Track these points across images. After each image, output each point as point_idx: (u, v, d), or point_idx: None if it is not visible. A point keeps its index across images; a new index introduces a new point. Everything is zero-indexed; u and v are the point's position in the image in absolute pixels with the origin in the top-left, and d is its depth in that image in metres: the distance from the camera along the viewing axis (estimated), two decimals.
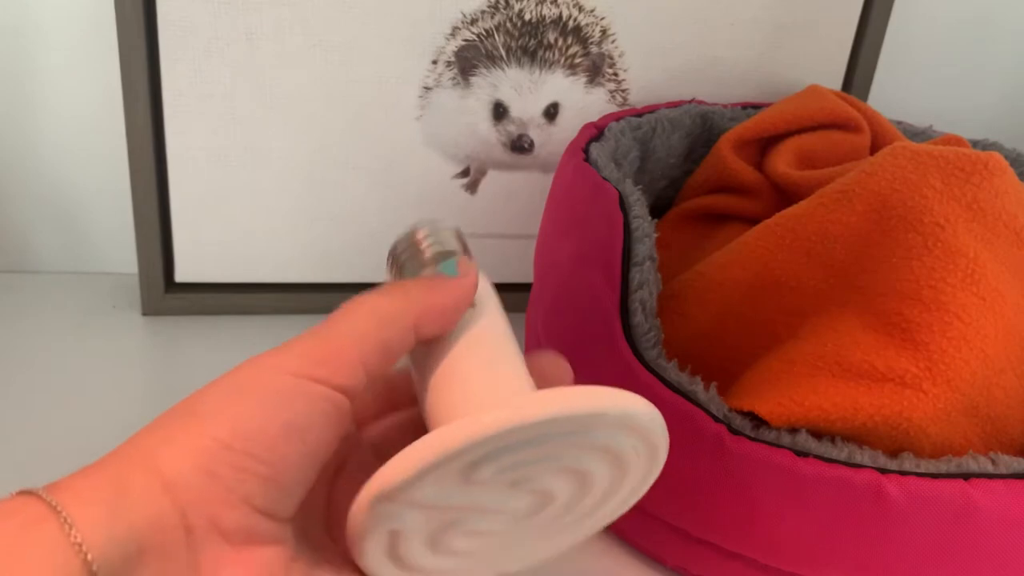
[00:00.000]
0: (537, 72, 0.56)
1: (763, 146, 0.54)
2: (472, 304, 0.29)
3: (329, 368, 0.25)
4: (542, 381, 0.28)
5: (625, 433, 0.26)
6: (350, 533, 0.25)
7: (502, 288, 0.32)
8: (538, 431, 0.24)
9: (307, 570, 0.25)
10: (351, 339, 0.25)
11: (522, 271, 0.55)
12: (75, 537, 0.20)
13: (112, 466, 0.22)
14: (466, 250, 0.31)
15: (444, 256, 0.30)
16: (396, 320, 0.26)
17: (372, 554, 0.25)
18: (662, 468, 0.28)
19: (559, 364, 0.30)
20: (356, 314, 0.26)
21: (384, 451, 0.27)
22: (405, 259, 0.31)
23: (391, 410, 0.32)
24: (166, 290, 0.58)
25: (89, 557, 0.20)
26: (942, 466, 0.35)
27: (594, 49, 0.57)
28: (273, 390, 0.24)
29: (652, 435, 0.26)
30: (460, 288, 0.28)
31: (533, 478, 0.26)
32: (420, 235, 0.31)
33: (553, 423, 0.24)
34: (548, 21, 0.55)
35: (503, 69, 0.56)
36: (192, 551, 0.22)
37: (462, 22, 0.54)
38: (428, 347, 0.28)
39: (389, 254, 0.31)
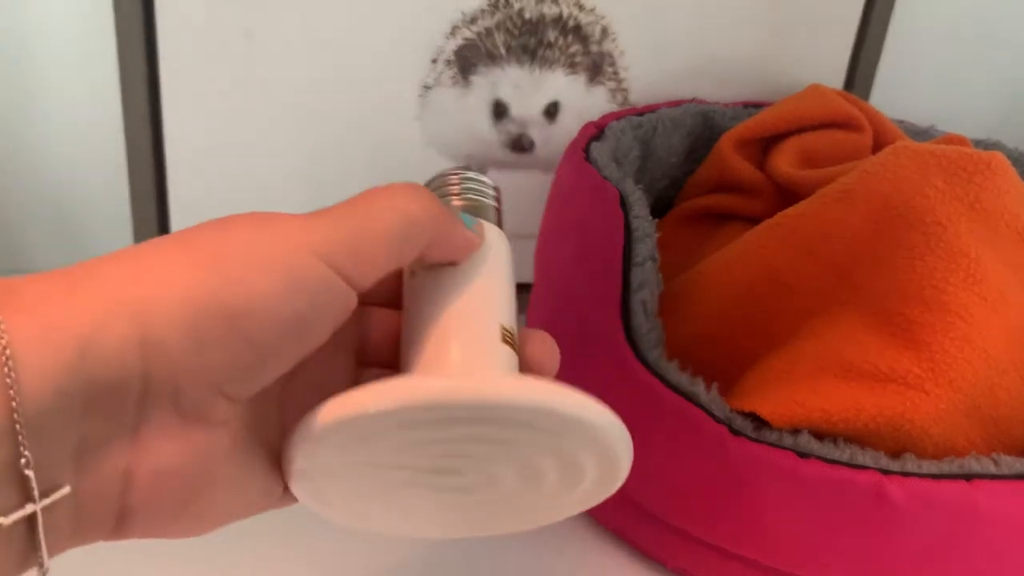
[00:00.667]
0: (537, 71, 0.56)
1: (764, 145, 0.54)
2: (483, 259, 0.28)
3: (356, 265, 0.22)
4: (526, 360, 0.28)
5: (582, 442, 0.24)
6: (283, 460, 0.24)
7: None
8: (482, 413, 0.22)
9: (248, 450, 0.23)
10: (383, 240, 0.23)
11: (522, 271, 0.55)
12: (9, 381, 0.18)
13: (95, 300, 0.19)
14: (499, 211, 0.30)
15: (474, 209, 0.29)
16: (419, 233, 0.24)
17: (299, 486, 0.24)
18: (621, 483, 0.27)
19: (545, 342, 0.29)
20: (389, 212, 0.24)
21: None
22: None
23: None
24: None
25: (14, 406, 0.18)
26: (944, 467, 0.35)
27: (594, 48, 0.56)
28: (298, 272, 0.21)
29: (611, 449, 0.25)
30: (470, 238, 0.27)
31: (474, 457, 0.25)
32: (454, 180, 0.30)
33: (505, 410, 0.23)
34: (548, 20, 0.55)
35: (503, 68, 0.56)
36: (139, 415, 0.20)
37: (462, 21, 0.54)
38: (427, 280, 0.27)
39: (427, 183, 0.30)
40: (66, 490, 0.19)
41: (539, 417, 0.23)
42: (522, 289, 0.33)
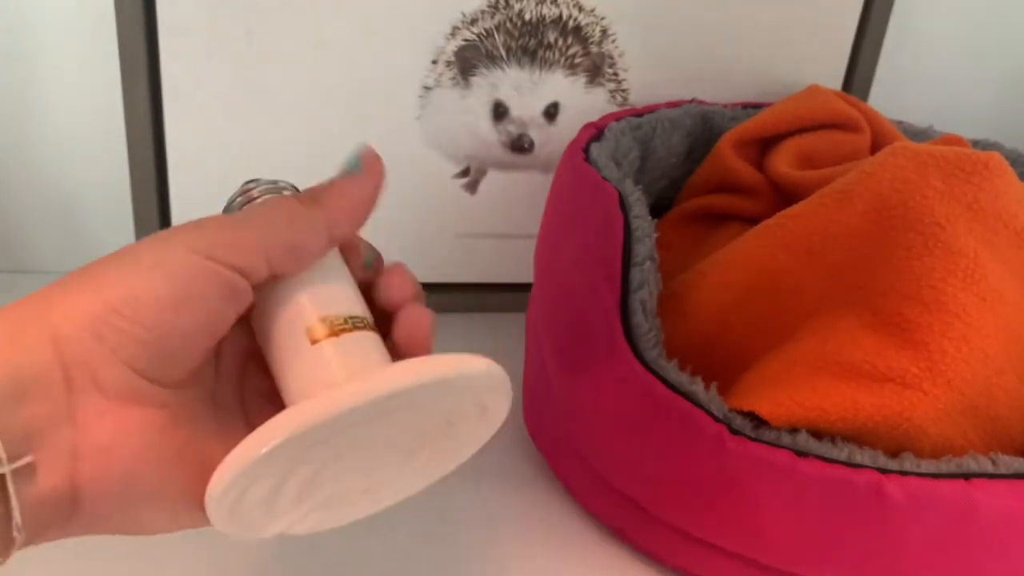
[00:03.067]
0: (537, 72, 0.56)
1: (763, 146, 0.54)
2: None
3: (229, 251, 0.26)
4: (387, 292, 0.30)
5: (456, 396, 0.27)
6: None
7: (502, 288, 0.32)
8: (363, 414, 0.25)
9: (192, 436, 0.26)
10: (256, 229, 0.27)
11: (522, 271, 0.55)
12: None
13: (11, 314, 0.24)
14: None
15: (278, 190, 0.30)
16: (305, 217, 0.27)
17: (216, 518, 0.26)
18: (499, 424, 0.29)
19: (396, 282, 0.30)
20: (267, 208, 0.28)
21: None
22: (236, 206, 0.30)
23: None
24: None
25: None
26: (943, 466, 0.35)
27: (594, 49, 0.57)
28: (170, 263, 0.25)
29: (481, 394, 0.28)
30: (370, 179, 0.29)
31: (366, 446, 0.27)
32: (250, 186, 0.31)
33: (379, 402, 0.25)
34: (548, 21, 0.55)
35: (503, 69, 0.56)
36: (70, 400, 0.24)
37: (462, 22, 0.54)
38: (264, 296, 0.28)
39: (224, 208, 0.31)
40: (29, 458, 0.23)
41: (398, 400, 0.25)
42: (522, 289, 0.33)
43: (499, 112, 0.57)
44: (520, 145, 0.58)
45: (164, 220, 0.56)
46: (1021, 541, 0.35)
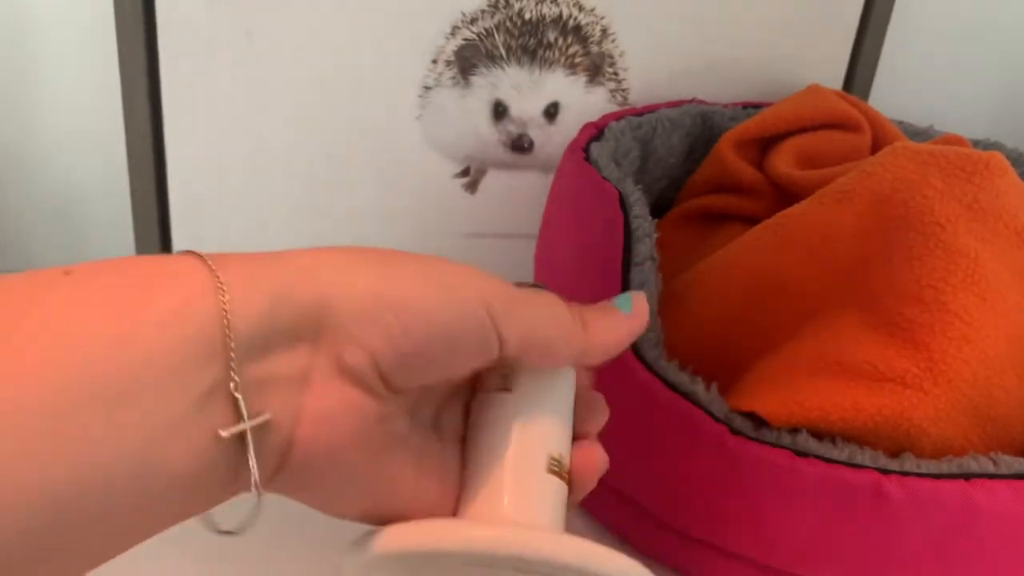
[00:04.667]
0: (537, 71, 0.56)
1: (764, 146, 0.54)
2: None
3: (503, 315, 0.26)
4: (574, 471, 0.30)
5: None
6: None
7: None
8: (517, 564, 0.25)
9: (390, 437, 0.26)
10: (532, 308, 0.27)
11: (522, 271, 0.55)
12: (226, 321, 0.22)
13: (287, 267, 0.24)
14: None
15: None
16: (573, 330, 0.28)
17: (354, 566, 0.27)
18: None
19: (590, 455, 0.31)
20: (547, 299, 0.28)
21: None
22: None
23: None
24: None
25: (229, 335, 0.22)
26: (943, 466, 0.35)
27: (594, 48, 0.57)
28: (459, 301, 0.25)
29: None
30: (637, 324, 0.30)
31: None
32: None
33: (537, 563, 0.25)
34: (548, 20, 0.55)
35: (503, 68, 0.56)
36: (310, 365, 0.24)
37: (462, 21, 0.54)
38: (486, 404, 0.29)
39: None
40: (268, 415, 0.23)
41: (562, 571, 0.26)
42: None
43: (499, 112, 0.57)
44: (520, 145, 0.58)
45: (164, 220, 0.56)
46: (1021, 541, 0.35)
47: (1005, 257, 0.39)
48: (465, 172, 0.58)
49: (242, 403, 0.23)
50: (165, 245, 0.57)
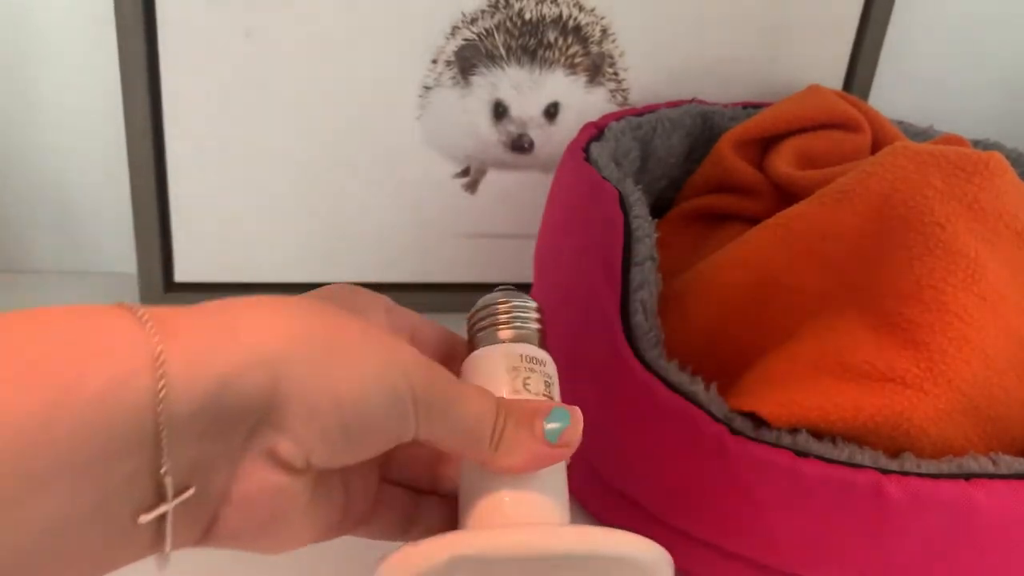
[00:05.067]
0: (537, 71, 0.56)
1: (764, 146, 0.54)
2: None
3: (423, 418, 0.26)
4: None
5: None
6: None
7: None
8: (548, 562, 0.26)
9: (303, 495, 0.26)
10: (442, 423, 0.27)
11: (522, 271, 0.55)
12: (161, 395, 0.21)
13: (238, 346, 0.23)
14: (542, 331, 0.32)
15: (521, 337, 0.31)
16: (474, 447, 0.27)
17: None
18: None
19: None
20: (471, 402, 0.27)
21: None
22: (480, 328, 0.31)
23: None
24: (165, 290, 0.58)
25: (161, 420, 0.21)
26: (943, 466, 0.35)
27: (594, 49, 0.57)
28: (391, 386, 0.25)
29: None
30: (548, 456, 0.28)
31: None
32: (501, 307, 0.31)
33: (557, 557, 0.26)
34: (548, 20, 0.55)
35: (503, 68, 0.56)
36: (243, 448, 0.24)
37: (462, 21, 0.54)
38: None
39: (468, 318, 0.32)
40: (191, 492, 0.23)
41: (591, 561, 0.26)
42: (522, 289, 0.33)
43: (499, 112, 0.57)
44: (520, 145, 0.58)
45: (164, 220, 0.56)
46: (1021, 541, 0.35)
47: (1005, 257, 0.39)
48: (465, 172, 0.58)
49: (169, 487, 0.22)
50: (165, 245, 0.57)
